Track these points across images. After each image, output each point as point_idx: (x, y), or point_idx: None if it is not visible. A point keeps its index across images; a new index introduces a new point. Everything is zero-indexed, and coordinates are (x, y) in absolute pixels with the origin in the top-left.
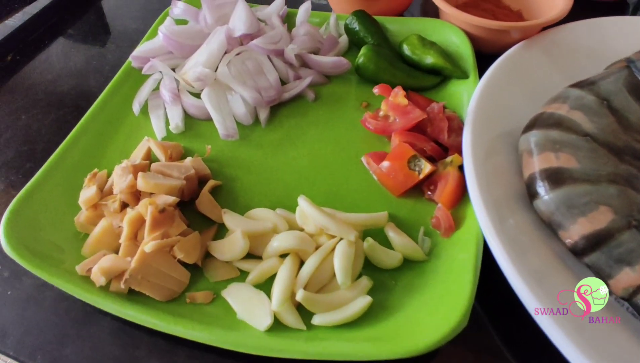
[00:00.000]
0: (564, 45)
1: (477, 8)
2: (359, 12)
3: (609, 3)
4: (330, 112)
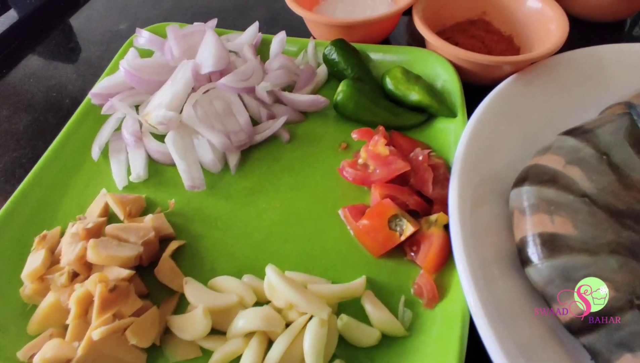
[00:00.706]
0: (559, 77)
1: (465, 33)
2: (338, 41)
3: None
4: (306, 155)
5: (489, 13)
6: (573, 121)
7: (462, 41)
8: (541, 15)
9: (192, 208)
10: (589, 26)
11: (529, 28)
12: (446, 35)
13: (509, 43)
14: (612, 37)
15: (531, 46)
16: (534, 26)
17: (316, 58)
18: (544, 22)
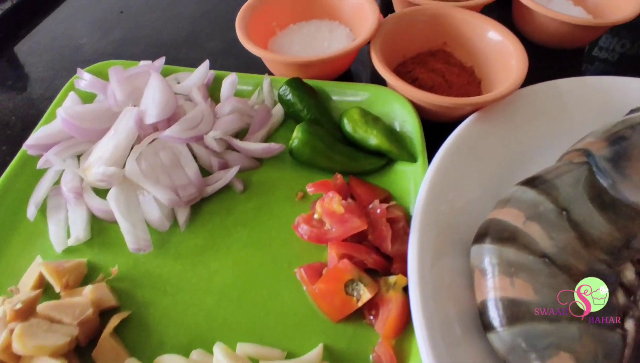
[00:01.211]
0: (520, 113)
1: (426, 66)
2: (293, 81)
3: (563, 51)
4: (260, 206)
5: (449, 44)
6: (535, 160)
7: (422, 76)
8: (502, 48)
9: (139, 272)
10: (549, 52)
11: (489, 60)
12: (406, 69)
13: (470, 75)
14: (572, 62)
15: (492, 79)
16: (495, 59)
17: (272, 96)
18: (504, 55)
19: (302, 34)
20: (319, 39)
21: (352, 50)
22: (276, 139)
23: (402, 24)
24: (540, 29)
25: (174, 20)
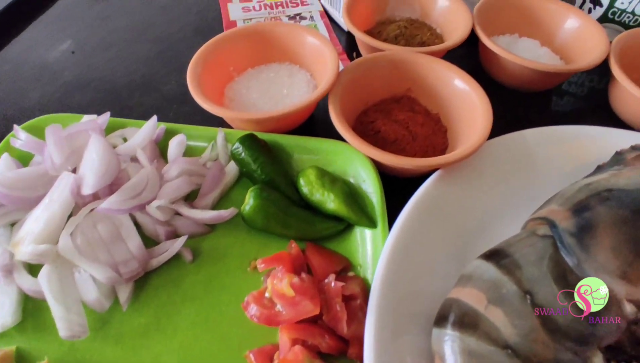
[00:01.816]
0: (485, 169)
1: (389, 116)
2: (246, 138)
3: (532, 93)
4: (211, 277)
5: (414, 90)
6: (504, 218)
7: (385, 128)
8: (466, 98)
9: (75, 358)
10: (516, 94)
11: (455, 109)
12: (369, 118)
13: (436, 124)
14: (542, 99)
15: (458, 129)
16: (460, 108)
17: (227, 151)
18: (469, 106)
19: (261, 79)
20: (277, 84)
21: (309, 104)
22: (231, 199)
23: (363, 70)
24: (506, 73)
25: (128, 61)
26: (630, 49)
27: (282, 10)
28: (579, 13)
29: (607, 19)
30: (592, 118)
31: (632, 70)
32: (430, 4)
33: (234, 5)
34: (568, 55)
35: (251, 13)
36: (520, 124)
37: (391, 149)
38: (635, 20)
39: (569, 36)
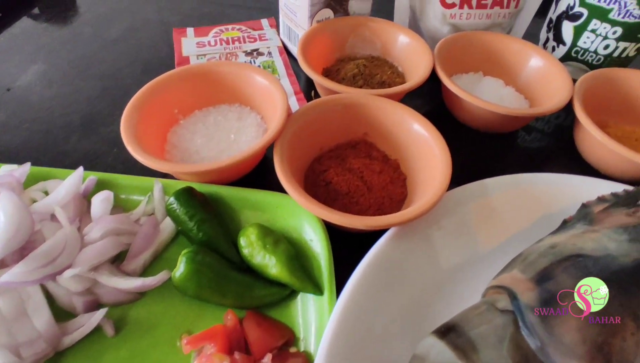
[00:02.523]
0: (446, 222)
1: (343, 164)
2: (182, 192)
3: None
4: (135, 354)
5: (371, 134)
6: (463, 276)
7: (336, 180)
8: (425, 144)
9: None
10: (480, 134)
11: (413, 155)
12: (322, 167)
13: (395, 171)
14: (503, 145)
15: (417, 178)
16: (419, 155)
17: (164, 204)
18: (428, 153)
19: (208, 122)
20: (225, 129)
21: (254, 153)
22: (166, 259)
23: (316, 114)
24: (468, 115)
25: (69, 99)
26: (594, 90)
27: (238, 45)
28: (542, 53)
29: (571, 58)
30: (559, 159)
31: (596, 111)
32: (390, 41)
33: (188, 40)
34: (533, 95)
35: (206, 48)
36: (484, 167)
37: (343, 202)
38: (598, 59)
39: (533, 76)
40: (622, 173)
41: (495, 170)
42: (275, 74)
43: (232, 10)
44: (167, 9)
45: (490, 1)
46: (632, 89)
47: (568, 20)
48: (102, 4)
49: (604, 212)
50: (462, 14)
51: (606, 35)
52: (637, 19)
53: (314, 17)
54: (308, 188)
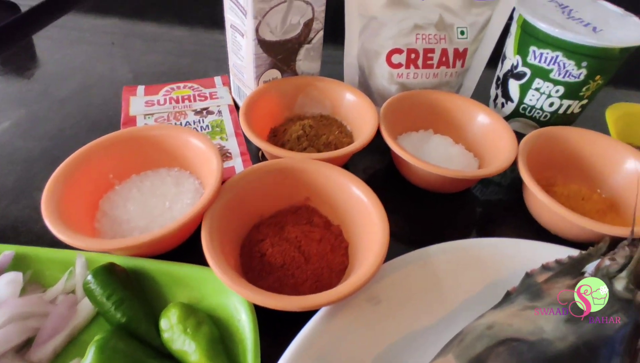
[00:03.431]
0: (385, 295)
1: (281, 232)
2: (100, 270)
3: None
4: None
5: (313, 199)
6: (403, 357)
7: (272, 251)
8: (365, 211)
9: None
10: (429, 194)
11: (355, 222)
12: (259, 236)
13: (336, 238)
14: (453, 206)
15: (358, 245)
16: (359, 221)
17: None
18: (367, 220)
19: (143, 188)
20: (160, 195)
21: (183, 225)
22: (83, 343)
23: (254, 181)
24: (415, 177)
25: (4, 161)
26: (539, 148)
27: (188, 104)
28: (488, 111)
29: (520, 114)
30: (511, 219)
31: (545, 168)
32: (339, 100)
33: (137, 100)
34: (482, 153)
35: (154, 108)
36: (434, 230)
37: (278, 275)
38: (545, 115)
39: (481, 134)
40: (570, 235)
41: (444, 233)
42: (223, 134)
43: (187, 67)
44: (122, 66)
45: (436, 61)
46: (573, 148)
47: (513, 78)
48: (60, 60)
49: (547, 283)
50: (408, 74)
51: (550, 93)
52: (576, 79)
53: (260, 77)
54: (244, 260)
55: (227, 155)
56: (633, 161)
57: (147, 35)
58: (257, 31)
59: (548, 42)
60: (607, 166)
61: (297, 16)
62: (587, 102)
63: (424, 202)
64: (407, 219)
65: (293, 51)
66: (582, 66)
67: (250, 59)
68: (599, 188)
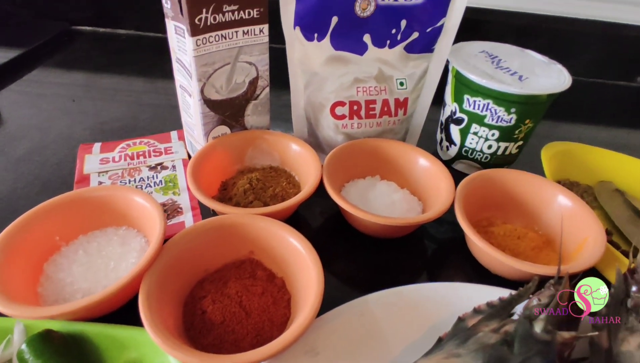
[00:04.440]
0: (322, 348)
1: (223, 289)
2: (35, 338)
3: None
4: None
5: (257, 253)
6: None
7: (212, 308)
8: (303, 262)
9: None
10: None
11: (295, 274)
12: (202, 292)
13: (279, 292)
14: (398, 251)
15: (300, 297)
16: (300, 273)
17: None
18: (306, 271)
19: (90, 249)
20: (106, 256)
21: (119, 289)
22: None
23: (196, 238)
24: (358, 224)
25: None
26: (477, 190)
27: (143, 160)
28: (428, 156)
29: (463, 156)
30: (455, 261)
31: (484, 209)
32: (285, 151)
33: (93, 157)
34: (425, 197)
35: (109, 165)
36: (378, 276)
37: (218, 332)
38: (485, 157)
39: (423, 179)
40: (507, 275)
41: (393, 278)
42: (176, 189)
43: (146, 122)
44: (81, 123)
45: (378, 111)
46: (509, 188)
47: (454, 123)
48: (20, 118)
49: (476, 327)
50: (352, 124)
51: (487, 137)
52: (508, 123)
53: (209, 134)
54: (187, 318)
55: (178, 210)
56: (562, 198)
57: (108, 89)
58: (202, 92)
59: (479, 91)
60: (540, 204)
61: (242, 76)
62: (523, 143)
63: (374, 247)
64: (357, 266)
65: (240, 107)
66: (512, 112)
67: (198, 117)
68: (536, 226)
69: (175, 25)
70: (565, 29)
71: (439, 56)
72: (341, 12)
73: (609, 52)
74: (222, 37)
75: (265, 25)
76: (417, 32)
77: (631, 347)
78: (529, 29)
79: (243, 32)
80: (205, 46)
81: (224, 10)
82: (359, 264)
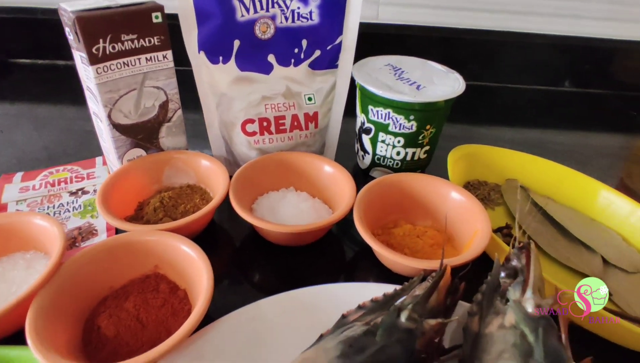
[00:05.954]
0: (213, 356)
1: (123, 305)
2: None
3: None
4: None
5: (161, 267)
6: None
7: (106, 323)
8: (199, 272)
9: None
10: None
11: (195, 284)
12: (102, 309)
13: (180, 302)
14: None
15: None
16: (198, 283)
17: None
18: (200, 281)
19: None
20: (9, 280)
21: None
22: None
23: (95, 256)
24: (270, 235)
25: None
26: (379, 195)
27: (64, 186)
28: (331, 163)
29: (377, 164)
30: (364, 262)
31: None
32: (200, 168)
33: (12, 186)
34: (334, 204)
35: (29, 193)
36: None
37: (113, 346)
38: (396, 163)
39: (331, 186)
40: (403, 272)
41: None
42: (94, 212)
43: (74, 149)
44: (7, 153)
45: (288, 126)
46: (410, 191)
47: (364, 133)
48: None
49: (359, 319)
50: (264, 140)
51: (393, 144)
52: (410, 130)
53: (123, 157)
54: (85, 335)
55: (93, 232)
56: (455, 195)
57: (40, 118)
58: (109, 117)
59: (380, 102)
60: (438, 203)
61: (151, 100)
62: (430, 148)
63: (289, 256)
64: (267, 274)
65: (153, 130)
66: (411, 119)
67: (110, 141)
68: (437, 224)
69: (80, 55)
70: (484, 40)
71: (344, 70)
72: (242, 36)
73: (524, 59)
74: (125, 64)
75: (169, 51)
76: (319, 50)
77: (493, 328)
78: (452, 40)
79: (146, 59)
80: (107, 73)
81: (122, 39)
82: (268, 272)
